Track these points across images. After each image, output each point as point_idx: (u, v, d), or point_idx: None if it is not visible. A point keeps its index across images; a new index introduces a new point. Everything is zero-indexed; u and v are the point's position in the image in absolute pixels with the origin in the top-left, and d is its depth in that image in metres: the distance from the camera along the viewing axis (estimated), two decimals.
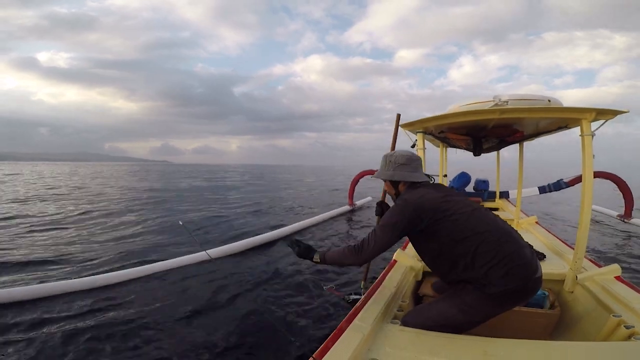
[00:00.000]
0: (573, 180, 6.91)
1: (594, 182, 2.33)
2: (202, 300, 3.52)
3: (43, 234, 6.65)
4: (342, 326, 1.58)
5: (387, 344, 1.48)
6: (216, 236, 6.68)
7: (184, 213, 9.59)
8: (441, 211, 1.63)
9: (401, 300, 2.05)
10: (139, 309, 3.28)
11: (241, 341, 2.74)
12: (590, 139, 2.24)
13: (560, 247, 3.09)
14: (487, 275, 1.51)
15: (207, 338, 2.78)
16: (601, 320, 1.85)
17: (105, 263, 4.81)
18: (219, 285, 3.92)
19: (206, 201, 12.75)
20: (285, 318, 3.16)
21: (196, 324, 3.04)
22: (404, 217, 1.65)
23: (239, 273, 4.34)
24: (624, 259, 5.07)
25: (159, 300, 3.50)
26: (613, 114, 2.23)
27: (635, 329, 1.63)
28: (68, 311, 3.21)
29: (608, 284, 2.11)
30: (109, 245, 5.89)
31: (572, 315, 2.17)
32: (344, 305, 3.04)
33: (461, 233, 1.59)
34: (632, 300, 1.87)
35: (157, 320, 3.05)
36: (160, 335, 2.83)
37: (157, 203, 11.97)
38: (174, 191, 16.97)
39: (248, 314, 3.20)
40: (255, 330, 2.91)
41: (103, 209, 10.15)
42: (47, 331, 2.84)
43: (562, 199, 8.84)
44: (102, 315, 3.17)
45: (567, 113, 2.34)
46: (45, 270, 4.43)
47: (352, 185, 9.62)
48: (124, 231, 7.08)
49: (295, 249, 1.93)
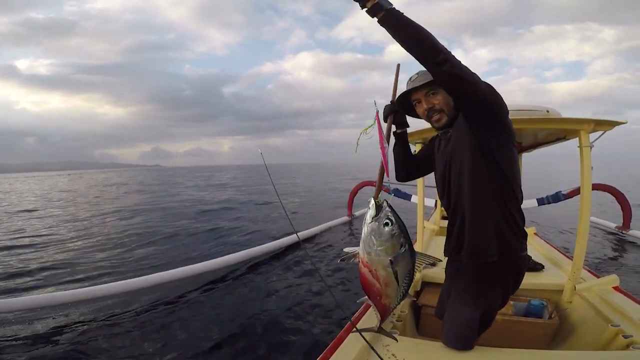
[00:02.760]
0: (572, 192, 6.93)
1: (592, 194, 2.34)
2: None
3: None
4: (342, 336, 1.59)
5: (386, 354, 1.48)
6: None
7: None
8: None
9: (400, 311, 2.05)
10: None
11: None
12: (588, 151, 2.25)
13: (559, 257, 3.10)
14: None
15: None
16: (599, 330, 1.86)
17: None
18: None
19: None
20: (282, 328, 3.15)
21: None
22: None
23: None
24: (622, 269, 5.08)
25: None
26: (611, 125, 2.26)
27: (633, 339, 1.63)
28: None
29: (606, 295, 2.11)
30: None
31: (571, 325, 2.17)
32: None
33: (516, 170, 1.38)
34: (631, 310, 1.88)
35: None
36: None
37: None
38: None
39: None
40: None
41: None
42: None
43: (563, 210, 8.85)
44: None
45: (565, 124, 2.37)
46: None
47: (351, 196, 9.60)
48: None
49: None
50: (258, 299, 3.88)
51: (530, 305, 2.34)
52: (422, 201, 2.96)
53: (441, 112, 1.44)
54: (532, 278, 2.48)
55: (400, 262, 1.05)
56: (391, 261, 1.03)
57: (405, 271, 1.08)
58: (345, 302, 3.65)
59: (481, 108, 1.25)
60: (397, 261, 1.04)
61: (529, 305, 2.35)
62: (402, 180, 1.75)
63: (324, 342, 1.35)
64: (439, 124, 1.47)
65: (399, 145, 1.67)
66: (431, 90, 1.43)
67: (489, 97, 1.24)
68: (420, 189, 3.00)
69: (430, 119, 1.48)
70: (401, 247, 1.04)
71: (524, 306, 2.38)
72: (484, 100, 1.22)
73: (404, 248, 1.04)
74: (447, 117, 1.44)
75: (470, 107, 1.27)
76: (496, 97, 1.25)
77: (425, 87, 1.43)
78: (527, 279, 1.61)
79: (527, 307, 2.36)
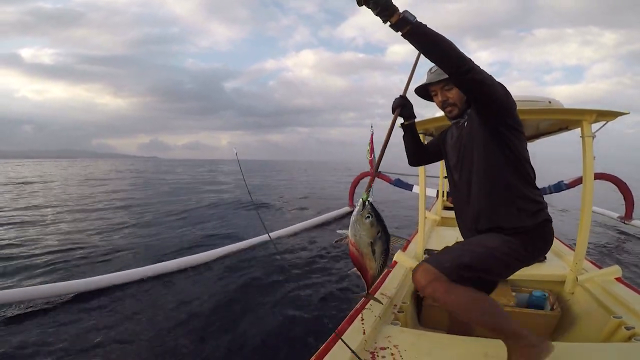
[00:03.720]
0: (573, 182, 6.90)
1: (594, 183, 2.32)
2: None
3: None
4: (343, 327, 1.59)
5: (387, 345, 1.49)
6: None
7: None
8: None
9: (402, 302, 2.06)
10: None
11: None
12: (590, 141, 2.23)
13: (561, 248, 3.09)
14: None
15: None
16: (601, 322, 1.85)
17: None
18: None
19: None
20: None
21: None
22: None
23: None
24: (624, 260, 5.08)
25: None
26: (614, 115, 2.23)
27: (635, 330, 1.63)
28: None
29: (608, 285, 2.11)
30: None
31: (573, 316, 2.17)
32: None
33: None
34: (633, 301, 1.87)
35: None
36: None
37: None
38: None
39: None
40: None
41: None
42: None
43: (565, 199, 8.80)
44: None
45: (568, 115, 2.34)
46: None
47: (352, 186, 9.61)
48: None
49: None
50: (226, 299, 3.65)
51: (532, 296, 2.35)
52: (423, 192, 2.95)
53: (454, 105, 1.57)
54: (533, 269, 2.47)
55: (377, 243, 1.46)
56: (371, 243, 1.45)
57: (382, 249, 1.48)
58: (325, 309, 3.43)
59: (496, 108, 1.38)
60: (375, 243, 1.46)
61: (530, 296, 2.36)
62: (413, 165, 1.97)
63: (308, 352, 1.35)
64: (451, 115, 1.61)
65: (407, 135, 1.81)
66: (446, 86, 1.56)
67: (504, 98, 1.37)
68: (422, 180, 2.99)
69: (444, 109, 1.63)
70: (378, 233, 1.45)
71: (525, 297, 2.38)
72: (500, 100, 1.36)
73: (380, 234, 1.45)
74: (458, 110, 1.58)
75: (486, 106, 1.39)
76: (508, 97, 1.39)
77: (442, 82, 1.56)
78: (529, 269, 1.60)
79: (529, 298, 2.36)
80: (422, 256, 2.76)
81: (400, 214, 9.11)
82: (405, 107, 1.69)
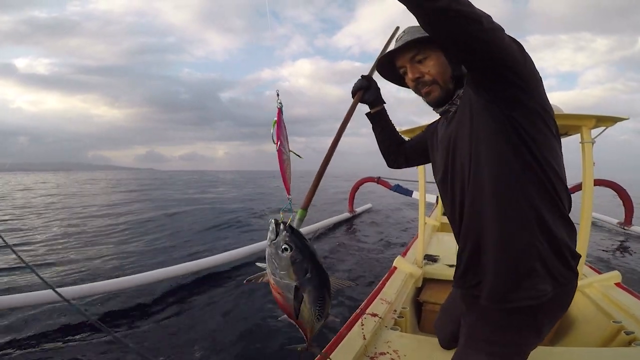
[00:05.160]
0: (573, 188, 6.91)
1: (594, 189, 2.33)
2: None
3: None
4: (343, 332, 1.59)
5: (387, 350, 1.48)
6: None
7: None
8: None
9: (401, 307, 2.06)
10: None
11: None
12: (590, 146, 2.24)
13: None
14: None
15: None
16: (601, 327, 1.85)
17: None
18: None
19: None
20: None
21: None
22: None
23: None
24: (624, 266, 5.08)
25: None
26: (613, 121, 2.24)
27: (635, 335, 1.63)
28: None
29: (608, 291, 2.11)
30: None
31: (572, 321, 2.17)
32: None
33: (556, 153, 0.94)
34: (633, 306, 1.88)
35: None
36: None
37: None
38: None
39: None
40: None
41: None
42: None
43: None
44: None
45: (567, 120, 2.36)
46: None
47: (352, 192, 9.61)
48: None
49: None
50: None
51: None
52: (423, 197, 2.95)
53: (433, 84, 1.03)
54: None
55: (307, 288, 0.90)
56: (296, 287, 0.89)
57: (316, 296, 0.93)
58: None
59: (503, 73, 0.81)
60: (304, 287, 0.90)
61: None
62: (392, 167, 1.47)
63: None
64: (431, 99, 1.06)
65: (377, 126, 1.40)
66: (418, 54, 1.03)
67: (518, 55, 0.81)
68: (421, 186, 2.99)
69: (420, 91, 1.08)
70: (306, 273, 0.89)
71: None
72: (512, 58, 0.80)
73: (309, 274, 0.90)
74: (440, 90, 1.04)
75: (485, 69, 0.83)
76: (526, 59, 0.83)
77: (411, 49, 1.03)
78: None
79: None
80: (422, 262, 2.76)
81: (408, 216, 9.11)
82: (369, 89, 1.28)
